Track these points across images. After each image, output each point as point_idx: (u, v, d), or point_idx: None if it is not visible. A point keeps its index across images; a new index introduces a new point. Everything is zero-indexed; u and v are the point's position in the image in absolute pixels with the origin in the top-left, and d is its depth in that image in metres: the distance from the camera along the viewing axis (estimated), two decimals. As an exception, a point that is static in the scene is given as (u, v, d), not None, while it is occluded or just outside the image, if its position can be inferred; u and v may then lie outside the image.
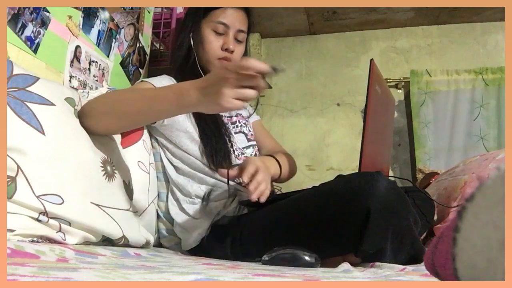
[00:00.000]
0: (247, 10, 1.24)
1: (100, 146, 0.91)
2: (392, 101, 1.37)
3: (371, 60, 1.00)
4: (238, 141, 1.20)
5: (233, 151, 1.14)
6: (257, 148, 1.27)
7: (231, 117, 1.26)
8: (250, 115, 1.37)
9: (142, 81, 1.13)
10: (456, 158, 2.14)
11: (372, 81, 0.97)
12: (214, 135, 1.11)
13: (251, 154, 1.22)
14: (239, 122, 1.26)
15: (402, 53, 2.51)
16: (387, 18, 2.41)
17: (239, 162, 1.13)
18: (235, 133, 1.22)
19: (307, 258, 0.79)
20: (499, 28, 2.37)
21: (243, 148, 1.20)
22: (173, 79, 1.18)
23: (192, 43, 1.20)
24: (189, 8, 1.28)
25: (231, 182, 1.08)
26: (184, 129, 1.11)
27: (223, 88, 0.71)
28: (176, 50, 1.25)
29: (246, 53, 1.30)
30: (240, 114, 1.30)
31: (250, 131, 1.29)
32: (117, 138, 1.02)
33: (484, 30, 2.41)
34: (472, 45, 2.42)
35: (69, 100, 0.88)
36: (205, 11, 1.20)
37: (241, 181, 0.96)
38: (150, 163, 1.12)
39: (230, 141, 1.14)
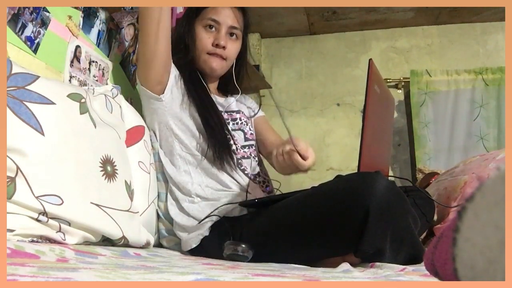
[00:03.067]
0: (241, 9, 1.24)
1: (103, 146, 0.91)
2: (392, 101, 1.37)
3: (370, 60, 1.00)
4: (237, 138, 1.20)
5: (236, 148, 1.14)
6: (253, 148, 1.25)
7: (232, 113, 1.26)
8: (255, 114, 1.36)
9: None
10: (456, 158, 2.14)
11: (371, 81, 0.96)
12: (217, 127, 1.12)
13: (249, 153, 1.22)
14: (240, 120, 1.25)
15: (402, 53, 2.51)
16: (387, 18, 2.41)
17: (237, 156, 1.14)
18: (234, 130, 1.21)
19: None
20: (499, 28, 2.37)
21: (241, 146, 1.20)
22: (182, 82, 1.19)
23: (186, 42, 1.20)
24: (187, 9, 1.28)
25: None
26: (190, 115, 1.13)
27: None
28: (173, 50, 1.25)
29: (245, 52, 1.30)
30: (242, 112, 1.29)
31: (250, 130, 1.28)
32: (122, 137, 1.02)
33: (484, 30, 2.41)
34: (472, 45, 2.42)
35: (73, 96, 0.88)
36: (198, 11, 1.20)
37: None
38: (150, 163, 1.12)
39: (231, 136, 1.15)
